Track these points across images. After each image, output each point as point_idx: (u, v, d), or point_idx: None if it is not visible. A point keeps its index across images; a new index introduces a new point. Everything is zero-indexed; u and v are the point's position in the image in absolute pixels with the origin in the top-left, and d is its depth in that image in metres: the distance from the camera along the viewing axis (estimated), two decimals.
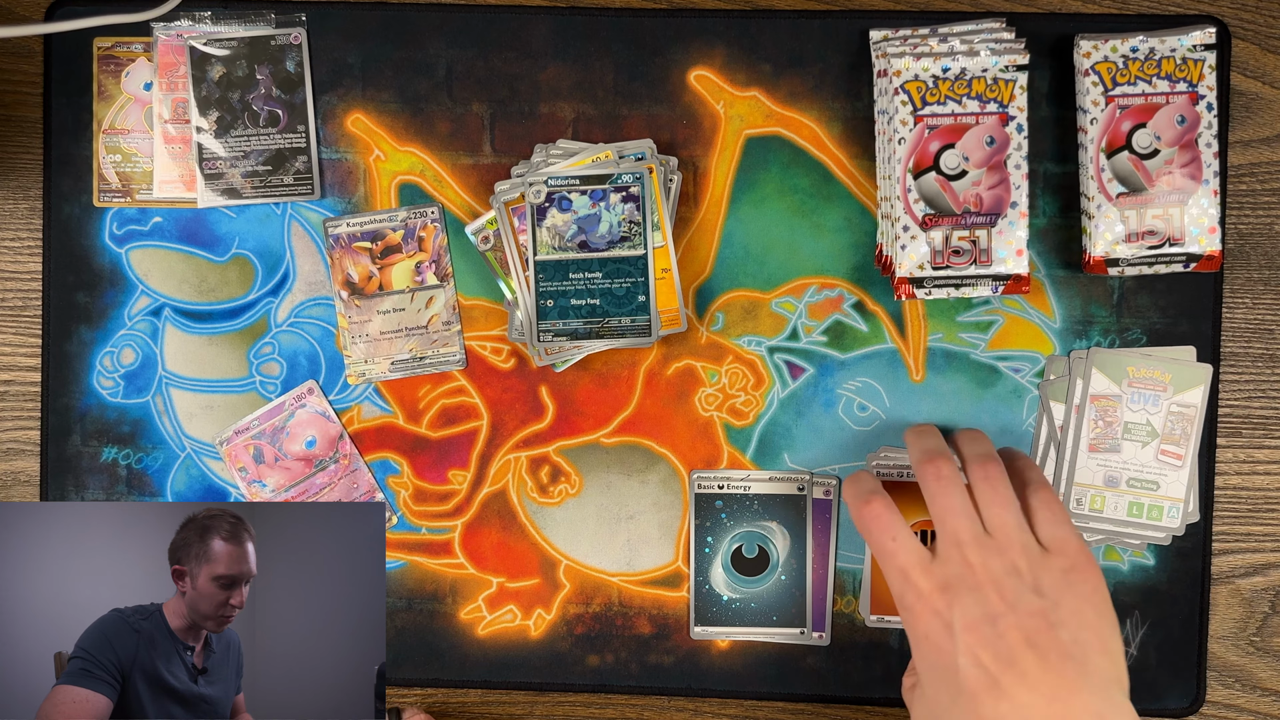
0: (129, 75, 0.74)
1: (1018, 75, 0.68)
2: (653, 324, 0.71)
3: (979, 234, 0.69)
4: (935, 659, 0.59)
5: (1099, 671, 0.57)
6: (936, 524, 0.62)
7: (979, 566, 0.60)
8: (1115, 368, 0.72)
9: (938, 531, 0.62)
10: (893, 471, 0.74)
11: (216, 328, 0.75)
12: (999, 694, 0.56)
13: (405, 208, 0.74)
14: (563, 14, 0.74)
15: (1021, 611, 0.58)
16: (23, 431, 0.76)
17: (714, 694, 0.75)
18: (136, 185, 0.75)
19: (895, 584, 0.61)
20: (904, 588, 0.61)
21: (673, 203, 0.73)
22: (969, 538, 0.61)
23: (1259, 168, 0.74)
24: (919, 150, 0.69)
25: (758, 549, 0.74)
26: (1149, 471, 0.72)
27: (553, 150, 0.73)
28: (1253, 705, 0.75)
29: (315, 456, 0.74)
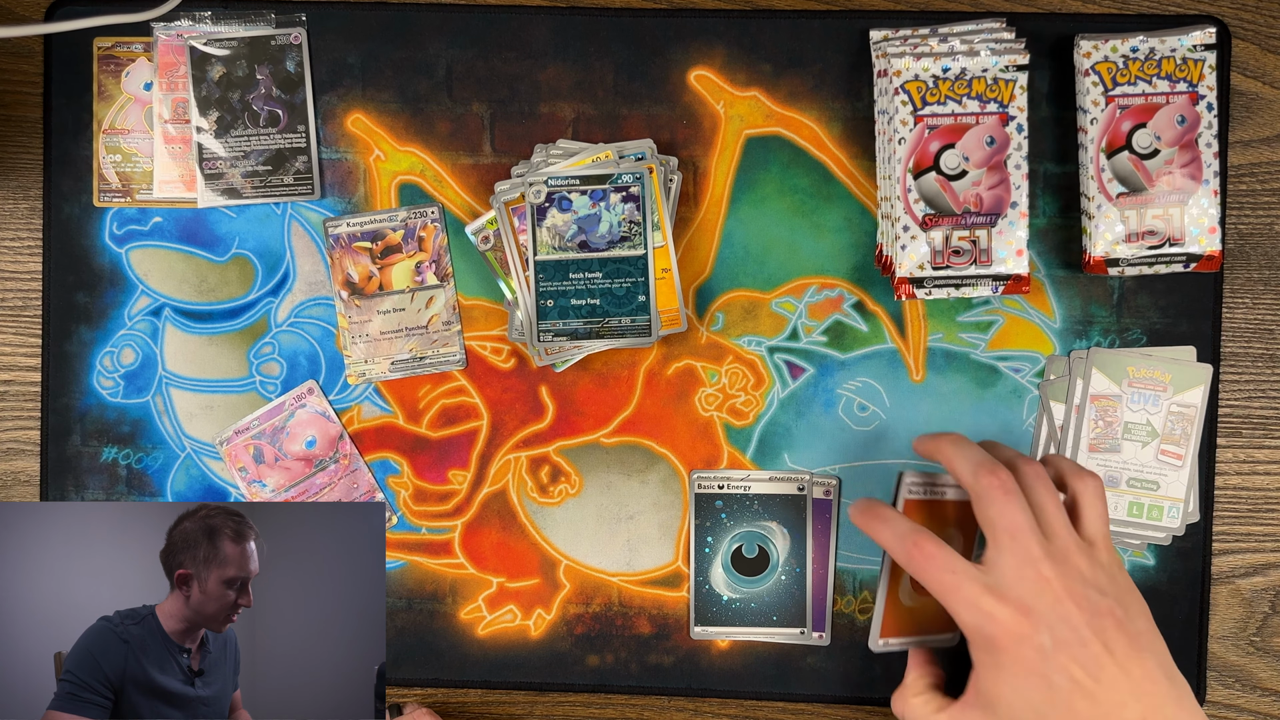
0: (129, 75, 0.74)
1: (1018, 75, 0.68)
2: (653, 324, 0.71)
3: (979, 234, 0.69)
4: (1023, 681, 0.59)
5: (1162, 652, 0.60)
6: (1003, 538, 0.60)
7: (1054, 580, 0.59)
8: (1115, 368, 0.72)
9: (1002, 545, 0.60)
10: (921, 489, 0.72)
11: (216, 328, 0.75)
12: (1093, 700, 0.58)
13: (405, 208, 0.74)
14: (563, 14, 0.74)
15: (1099, 615, 0.59)
16: (23, 431, 0.76)
17: (714, 694, 0.75)
18: (136, 185, 0.75)
19: (966, 615, 0.60)
20: (978, 619, 0.60)
21: (673, 203, 0.73)
22: (1040, 553, 0.60)
23: (1259, 168, 0.74)
24: (919, 150, 0.69)
25: (758, 549, 0.74)
26: (1149, 471, 0.72)
27: (553, 150, 0.73)
28: (1253, 705, 0.75)
29: (315, 456, 0.74)
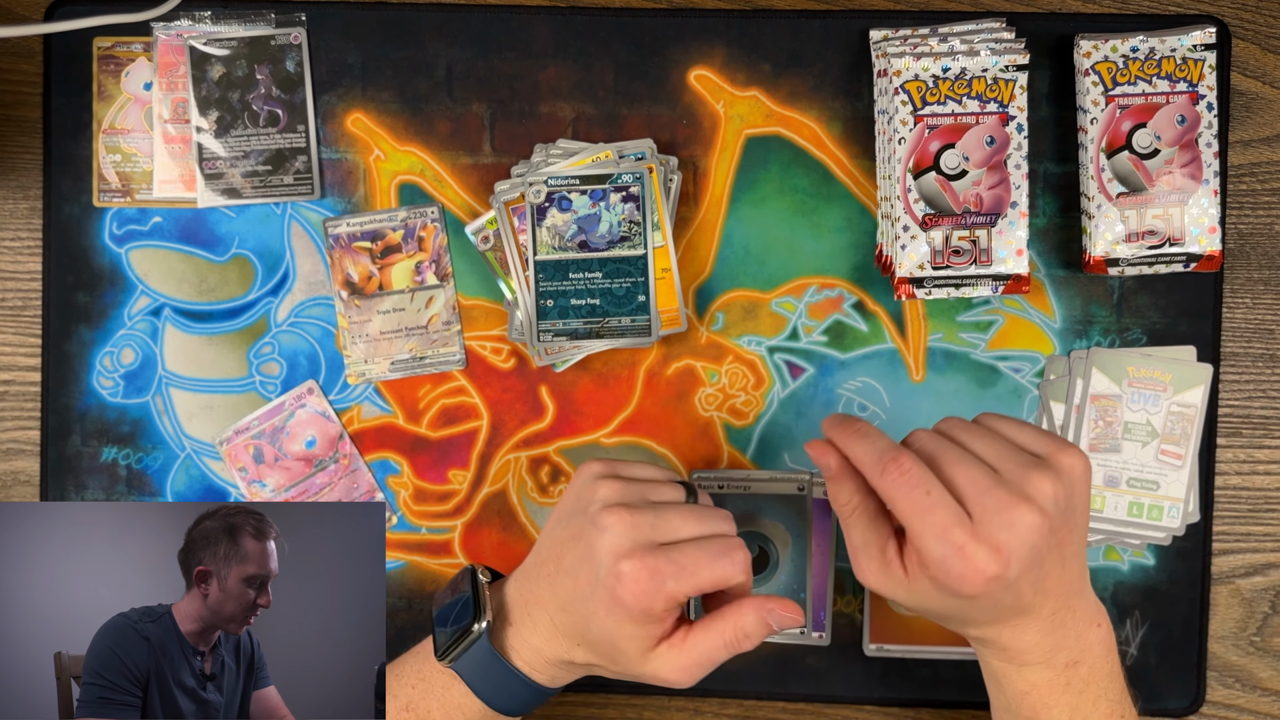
0: (129, 75, 0.74)
1: (1018, 75, 0.68)
2: (653, 324, 0.71)
3: (979, 234, 0.69)
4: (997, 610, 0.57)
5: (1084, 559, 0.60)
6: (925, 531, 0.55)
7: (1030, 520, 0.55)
8: (1115, 368, 0.72)
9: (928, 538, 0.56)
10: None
11: (216, 328, 0.75)
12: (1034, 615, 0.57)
13: (405, 207, 0.74)
14: (563, 14, 0.74)
15: (1067, 536, 0.57)
16: (23, 431, 0.76)
17: (714, 694, 0.75)
18: (136, 185, 0.75)
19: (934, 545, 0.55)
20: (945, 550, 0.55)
21: (673, 202, 0.73)
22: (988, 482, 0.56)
23: (1259, 168, 0.74)
24: (919, 150, 0.69)
25: (758, 549, 0.74)
26: (1149, 471, 0.72)
27: (552, 150, 0.73)
28: (1253, 705, 0.75)
29: (315, 456, 0.74)
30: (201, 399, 0.75)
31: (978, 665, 0.63)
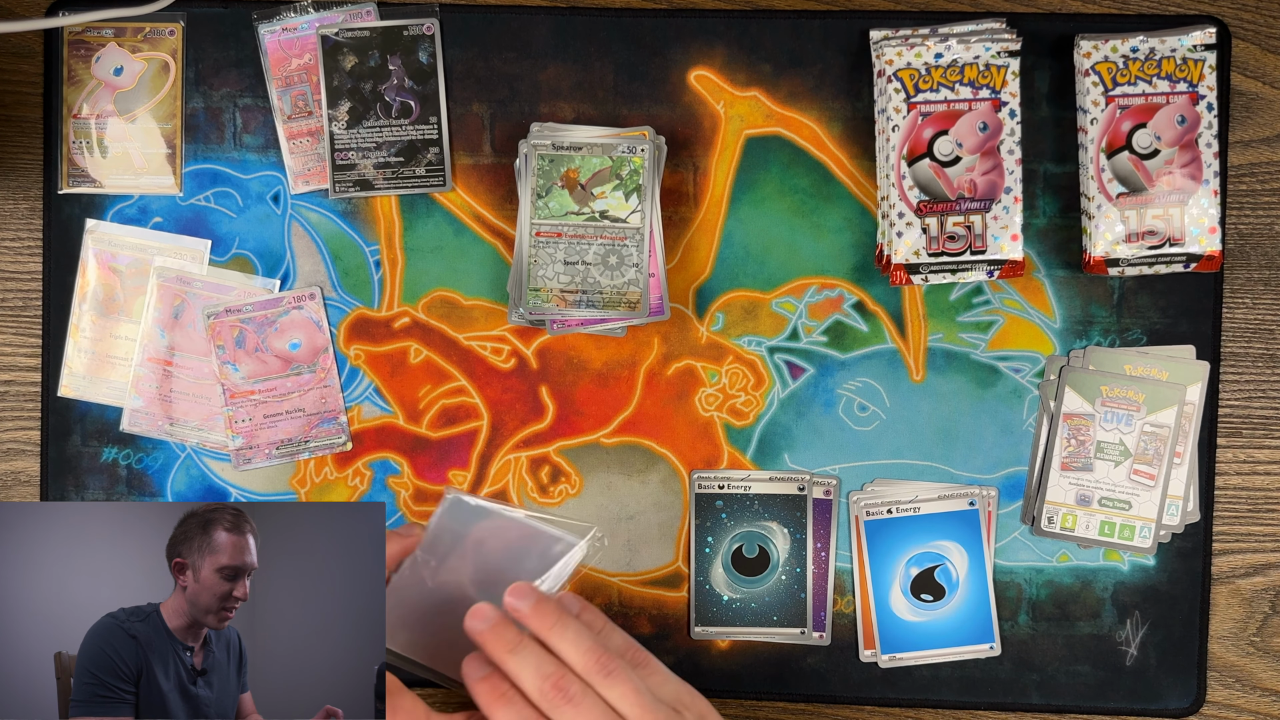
0: (99, 60, 0.74)
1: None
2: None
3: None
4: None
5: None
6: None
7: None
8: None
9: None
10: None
11: None
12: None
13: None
14: (563, 14, 0.74)
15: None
16: (23, 431, 0.76)
17: (714, 694, 0.75)
18: (106, 171, 0.74)
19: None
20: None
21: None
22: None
23: (1259, 168, 0.74)
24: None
25: (758, 549, 0.74)
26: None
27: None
28: (1253, 705, 0.75)
29: (295, 359, 0.73)
30: None
31: (978, 665, 0.63)
